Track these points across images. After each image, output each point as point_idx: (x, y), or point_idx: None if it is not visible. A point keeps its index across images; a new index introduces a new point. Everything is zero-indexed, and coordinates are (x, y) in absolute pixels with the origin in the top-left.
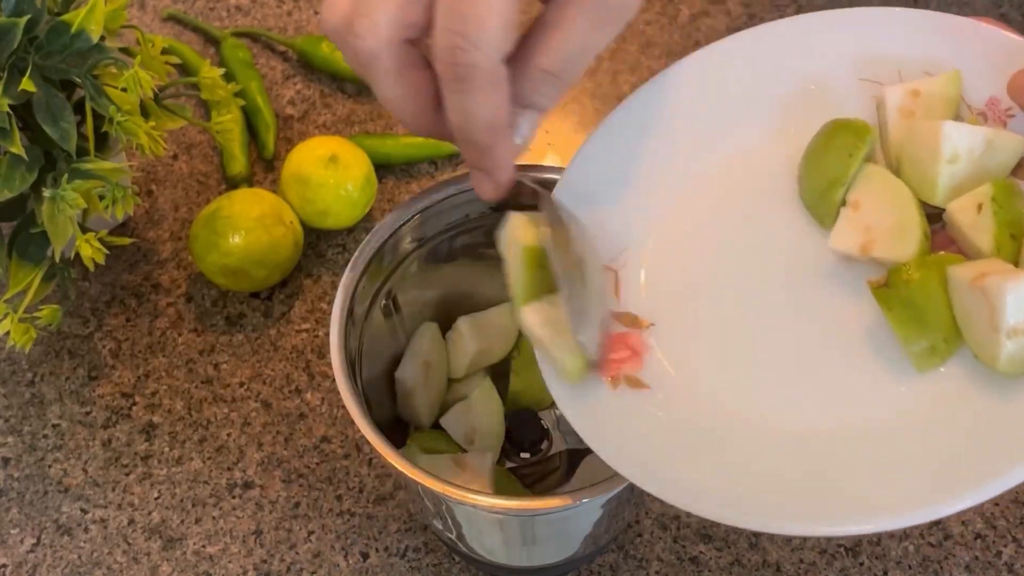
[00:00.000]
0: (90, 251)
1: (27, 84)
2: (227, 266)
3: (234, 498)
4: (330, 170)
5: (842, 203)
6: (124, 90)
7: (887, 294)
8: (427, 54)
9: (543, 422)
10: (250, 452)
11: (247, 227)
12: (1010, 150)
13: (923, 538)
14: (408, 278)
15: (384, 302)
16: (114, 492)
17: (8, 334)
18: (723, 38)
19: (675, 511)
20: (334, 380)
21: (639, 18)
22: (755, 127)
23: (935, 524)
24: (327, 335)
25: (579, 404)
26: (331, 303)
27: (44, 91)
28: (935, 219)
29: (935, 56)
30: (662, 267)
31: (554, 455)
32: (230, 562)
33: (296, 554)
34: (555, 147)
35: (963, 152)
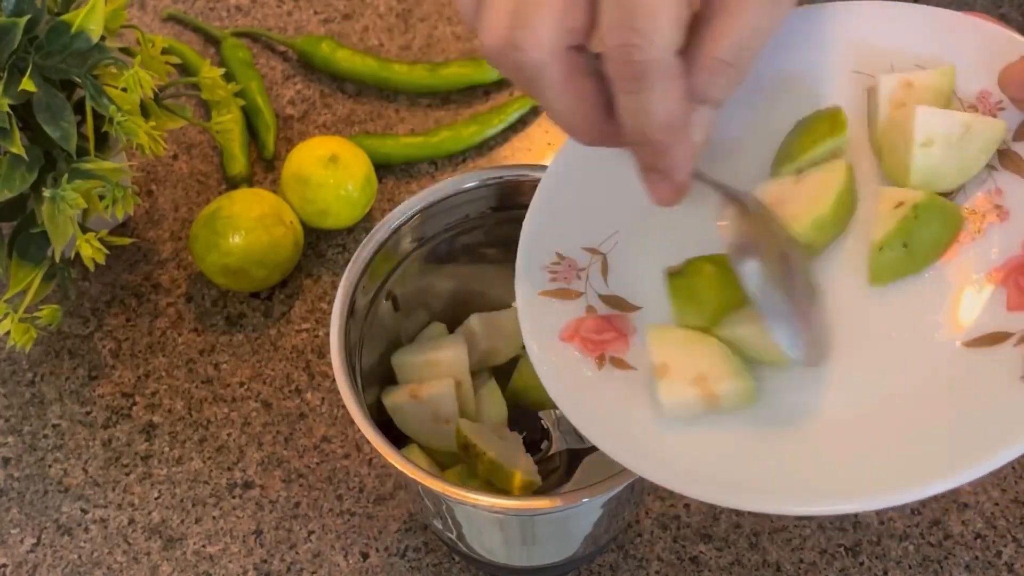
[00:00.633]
0: (90, 251)
1: (27, 84)
2: (227, 266)
3: (234, 498)
4: (330, 170)
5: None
6: (124, 90)
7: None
8: (591, 61)
9: (543, 422)
10: (250, 452)
11: (247, 227)
12: (988, 135)
13: (923, 538)
14: (408, 278)
15: (384, 302)
16: (114, 492)
17: (8, 334)
18: None
19: (675, 511)
20: (334, 380)
21: None
22: (745, 115)
23: (935, 524)
24: (327, 335)
25: (565, 385)
26: (331, 303)
27: (44, 91)
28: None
29: (927, 50)
30: (650, 251)
31: (554, 455)
32: (230, 562)
33: (296, 554)
34: (555, 147)
35: (938, 137)
